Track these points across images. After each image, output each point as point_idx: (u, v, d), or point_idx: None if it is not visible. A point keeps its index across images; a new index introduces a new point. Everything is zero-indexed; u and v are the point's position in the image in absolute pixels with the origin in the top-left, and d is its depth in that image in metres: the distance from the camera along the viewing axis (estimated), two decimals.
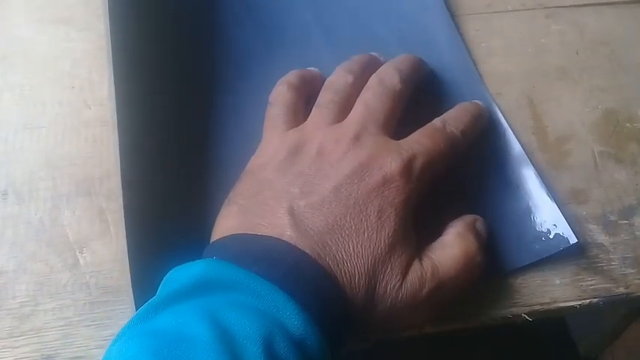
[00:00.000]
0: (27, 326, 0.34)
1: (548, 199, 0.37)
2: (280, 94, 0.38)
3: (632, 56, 0.44)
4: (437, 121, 0.37)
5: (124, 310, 0.35)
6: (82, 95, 0.41)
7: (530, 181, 0.38)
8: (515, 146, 0.39)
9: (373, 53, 0.41)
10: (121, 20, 0.38)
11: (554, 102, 0.42)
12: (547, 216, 0.37)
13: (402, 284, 0.31)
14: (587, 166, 0.40)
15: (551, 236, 0.37)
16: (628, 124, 0.42)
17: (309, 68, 0.40)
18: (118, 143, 0.34)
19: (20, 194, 0.38)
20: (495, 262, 0.36)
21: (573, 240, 0.36)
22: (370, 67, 0.39)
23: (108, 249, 0.36)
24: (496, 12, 0.45)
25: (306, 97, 0.38)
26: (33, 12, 0.44)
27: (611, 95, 0.42)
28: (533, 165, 0.39)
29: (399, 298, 0.31)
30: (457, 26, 0.44)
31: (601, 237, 0.38)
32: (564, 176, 0.39)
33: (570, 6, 0.45)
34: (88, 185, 0.38)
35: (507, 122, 0.40)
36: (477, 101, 0.40)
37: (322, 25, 0.44)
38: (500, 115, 0.41)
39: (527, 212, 0.38)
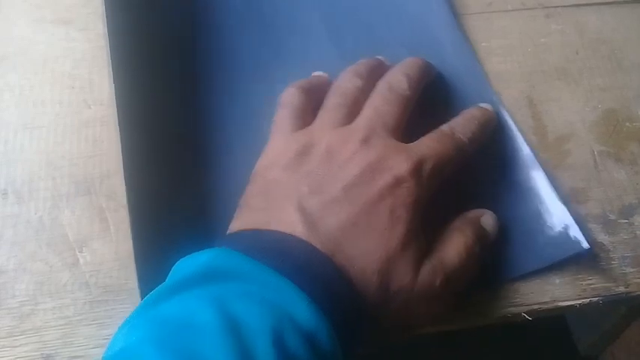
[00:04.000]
0: (27, 325, 0.34)
1: (559, 202, 0.37)
2: (290, 97, 0.38)
3: (633, 56, 0.44)
4: (445, 127, 0.37)
5: (123, 309, 0.35)
6: (82, 95, 0.41)
7: (540, 185, 0.38)
8: (524, 149, 0.39)
9: (379, 57, 0.41)
10: (119, 20, 0.38)
11: (554, 102, 0.42)
12: (558, 220, 0.37)
13: (414, 281, 0.31)
14: (587, 166, 0.40)
15: (562, 241, 0.36)
16: (628, 124, 0.42)
17: (317, 72, 0.40)
18: (120, 142, 0.34)
19: (20, 194, 0.38)
20: (506, 266, 0.36)
21: (585, 245, 0.36)
22: (377, 71, 0.39)
23: (108, 248, 0.36)
24: (496, 11, 0.45)
25: (315, 101, 0.38)
26: (33, 12, 0.44)
27: (611, 95, 0.42)
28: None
29: (412, 294, 0.31)
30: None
31: (601, 236, 0.38)
32: (564, 176, 0.39)
33: (570, 6, 0.45)
34: (87, 185, 0.38)
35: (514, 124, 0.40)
36: (484, 105, 0.40)
37: (328, 27, 0.44)
38: (507, 117, 0.40)
39: (538, 216, 0.37)
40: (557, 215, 0.37)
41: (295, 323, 0.27)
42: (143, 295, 0.31)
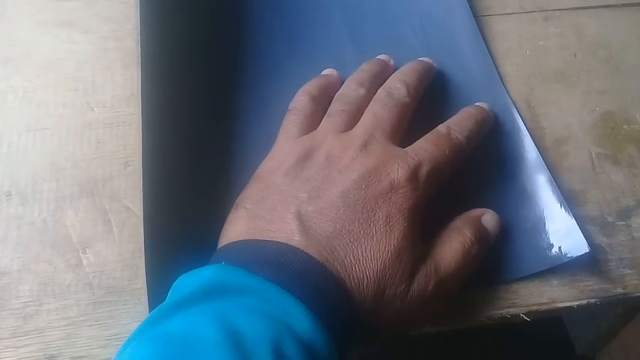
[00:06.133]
0: (30, 326, 0.35)
1: (563, 206, 0.37)
2: (299, 103, 0.38)
3: (630, 59, 0.44)
4: (441, 128, 0.37)
5: (127, 310, 0.35)
6: (85, 97, 0.41)
7: (545, 188, 0.38)
8: (532, 151, 0.40)
9: (383, 57, 0.41)
10: (150, 20, 0.38)
11: (553, 104, 0.42)
12: (561, 224, 0.37)
13: (409, 287, 0.32)
14: (585, 168, 0.40)
15: (564, 244, 0.37)
16: (625, 126, 0.42)
17: (327, 70, 0.41)
18: (142, 143, 0.34)
19: (24, 195, 0.38)
20: (507, 268, 0.37)
21: (585, 249, 0.36)
22: (380, 78, 0.39)
23: (111, 249, 0.37)
24: (495, 15, 0.46)
25: (324, 108, 0.38)
26: (36, 14, 0.44)
27: (609, 97, 0.43)
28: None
29: (407, 300, 0.32)
30: None
31: (598, 238, 0.38)
32: (562, 178, 0.40)
33: (569, 9, 0.46)
34: (91, 186, 0.38)
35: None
36: (481, 104, 0.40)
37: (348, 25, 0.44)
38: (519, 120, 0.41)
39: (541, 219, 0.38)
40: (560, 219, 0.37)
41: (294, 333, 0.27)
42: (151, 298, 0.31)
